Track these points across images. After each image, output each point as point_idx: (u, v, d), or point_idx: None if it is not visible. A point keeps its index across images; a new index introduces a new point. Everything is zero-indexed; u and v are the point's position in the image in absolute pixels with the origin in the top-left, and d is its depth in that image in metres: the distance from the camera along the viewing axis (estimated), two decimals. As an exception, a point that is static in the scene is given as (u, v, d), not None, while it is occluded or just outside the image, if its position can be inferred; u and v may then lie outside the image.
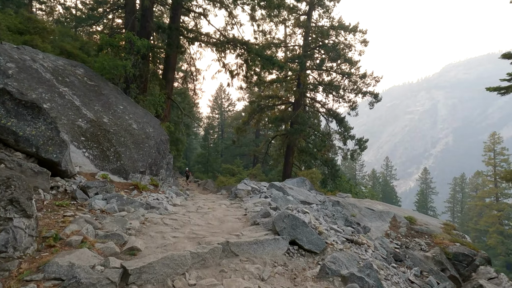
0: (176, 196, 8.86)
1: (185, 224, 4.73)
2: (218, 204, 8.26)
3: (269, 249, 3.49)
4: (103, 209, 4.69)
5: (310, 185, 12.14)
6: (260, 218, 4.99)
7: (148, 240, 3.62)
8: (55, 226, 3.32)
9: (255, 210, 6.27)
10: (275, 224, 3.91)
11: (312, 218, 4.87)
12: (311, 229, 3.82)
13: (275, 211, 5.41)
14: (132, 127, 9.95)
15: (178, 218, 5.06)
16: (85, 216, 3.83)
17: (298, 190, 9.36)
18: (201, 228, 4.49)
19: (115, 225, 3.81)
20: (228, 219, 5.36)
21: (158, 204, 6.33)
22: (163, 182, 10.10)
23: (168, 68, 16.58)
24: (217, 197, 11.36)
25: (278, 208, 5.49)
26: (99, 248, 2.93)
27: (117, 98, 10.91)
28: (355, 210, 9.79)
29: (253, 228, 4.43)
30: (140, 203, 5.50)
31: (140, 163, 9.13)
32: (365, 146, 26.22)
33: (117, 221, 3.94)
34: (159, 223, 4.57)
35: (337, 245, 4.00)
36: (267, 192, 8.89)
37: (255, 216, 5.25)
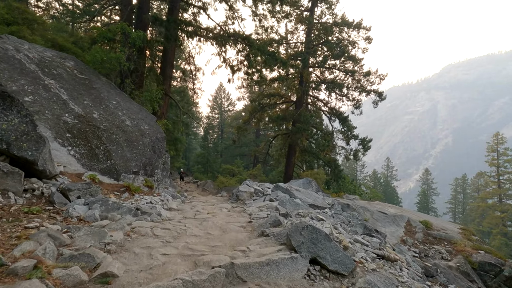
0: (172, 199, 8.08)
1: (180, 235, 3.95)
2: (219, 208, 7.48)
3: (285, 271, 2.72)
4: (81, 217, 3.92)
5: (316, 186, 11.37)
6: (269, 227, 4.23)
7: (130, 259, 2.85)
8: (5, 244, 2.55)
9: (261, 216, 5.50)
10: (291, 237, 3.14)
11: (332, 227, 4.10)
12: (335, 243, 3.05)
13: (285, 219, 4.64)
14: (125, 123, 9.18)
15: (172, 227, 4.29)
16: (50, 228, 3.07)
17: (305, 192, 8.60)
18: (198, 241, 3.71)
19: (90, 239, 3.05)
20: (231, 228, 4.58)
21: (150, 208, 5.56)
22: (159, 184, 9.32)
23: (166, 63, 15.80)
24: (217, 199, 10.59)
25: (289, 215, 4.74)
26: (57, 276, 2.15)
27: (109, 93, 10.13)
28: (367, 214, 9.03)
29: (262, 240, 3.65)
30: (128, 209, 4.72)
31: (133, 162, 8.36)
32: (369, 146, 25.49)
33: (94, 234, 3.18)
34: (148, 234, 3.80)
35: (367, 263, 3.24)
36: (272, 195, 8.11)
37: (263, 224, 4.49)
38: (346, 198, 12.50)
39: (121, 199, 6.51)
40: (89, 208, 4.48)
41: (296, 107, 25.29)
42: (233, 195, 9.76)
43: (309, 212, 5.43)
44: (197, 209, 7.10)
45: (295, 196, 7.91)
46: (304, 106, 25.07)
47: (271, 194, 8.13)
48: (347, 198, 12.56)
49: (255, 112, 25.98)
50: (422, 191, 69.09)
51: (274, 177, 36.58)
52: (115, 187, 7.31)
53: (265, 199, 8.15)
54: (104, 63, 10.76)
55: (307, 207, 6.59)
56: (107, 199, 4.71)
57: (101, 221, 3.83)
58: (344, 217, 6.31)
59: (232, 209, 7.34)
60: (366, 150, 25.44)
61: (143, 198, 6.89)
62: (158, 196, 7.95)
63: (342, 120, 25.50)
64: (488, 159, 50.26)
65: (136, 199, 6.69)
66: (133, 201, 6.45)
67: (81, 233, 3.15)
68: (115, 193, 6.87)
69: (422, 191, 68.33)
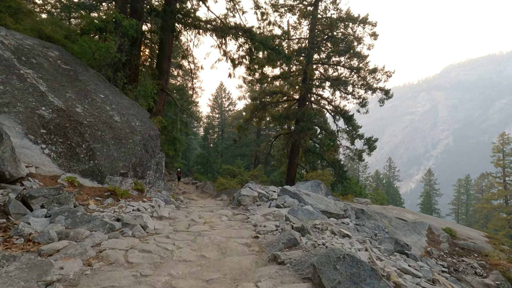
0: (164, 204, 7.08)
1: (164, 260, 2.95)
2: (218, 215, 6.48)
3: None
4: (30, 237, 2.93)
5: (326, 189, 10.37)
6: (283, 248, 3.24)
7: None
8: None
9: (268, 228, 4.50)
10: (321, 273, 2.16)
11: (370, 251, 3.10)
12: (385, 283, 2.06)
13: (302, 236, 3.66)
14: (114, 119, 8.18)
15: (155, 248, 3.27)
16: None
17: (315, 197, 7.61)
18: (188, 271, 2.70)
19: (24, 277, 2.06)
20: (232, 247, 3.58)
21: (134, 219, 4.56)
22: (151, 186, 8.33)
23: (163, 57, 14.81)
24: (217, 203, 9.59)
25: (306, 229, 3.74)
26: None
27: (97, 86, 9.14)
28: (385, 220, 8.03)
29: (276, 271, 2.65)
30: (102, 222, 3.72)
31: (121, 163, 7.36)
32: (374, 146, 24.50)
33: (32, 268, 2.19)
34: (119, 261, 2.79)
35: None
36: (279, 200, 7.12)
37: (273, 243, 3.49)
38: (357, 202, 11.51)
39: (102, 206, 5.52)
40: (51, 221, 3.49)
41: (299, 105, 24.28)
42: (234, 199, 8.77)
43: (328, 224, 4.45)
44: (192, 217, 6.10)
45: (305, 201, 6.92)
46: (307, 104, 24.05)
47: (278, 199, 7.14)
48: (358, 202, 11.57)
49: (256, 111, 24.97)
50: (425, 192, 68.10)
51: (276, 178, 35.58)
52: (98, 191, 6.32)
53: (271, 204, 7.15)
54: (93, 53, 9.76)
55: (321, 215, 5.60)
56: (76, 210, 3.72)
57: (56, 243, 2.85)
58: (369, 228, 5.32)
59: (233, 217, 6.34)
60: (371, 150, 24.44)
61: (129, 205, 5.90)
62: (149, 201, 6.95)
63: (347, 119, 24.51)
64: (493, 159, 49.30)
65: (121, 206, 5.69)
66: (117, 208, 5.45)
67: (12, 268, 2.16)
68: (96, 198, 5.88)
69: (425, 192, 67.32)
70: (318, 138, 23.74)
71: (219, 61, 14.57)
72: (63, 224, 3.47)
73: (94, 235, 3.25)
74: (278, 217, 5.59)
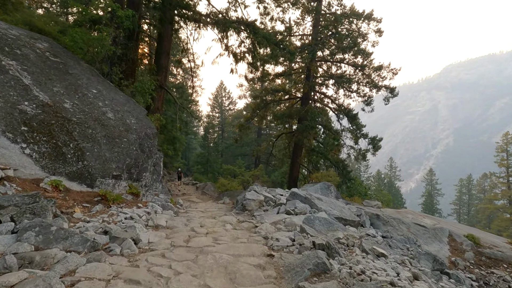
0: (162, 210, 6.38)
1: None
2: (221, 223, 5.79)
3: None
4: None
5: (336, 192, 9.68)
6: (309, 277, 2.55)
7: None
8: None
9: (283, 242, 3.81)
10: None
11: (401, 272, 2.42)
12: None
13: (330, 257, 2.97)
14: (107, 116, 7.48)
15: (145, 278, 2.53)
16: None
17: (328, 201, 6.92)
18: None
19: None
20: (243, 271, 2.88)
21: (125, 231, 3.87)
22: (148, 190, 7.63)
23: (161, 52, 14.09)
24: (219, 207, 8.89)
25: (332, 248, 3.04)
26: None
27: (90, 80, 8.44)
28: (403, 227, 7.34)
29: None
30: (82, 239, 3.02)
31: (114, 164, 6.66)
32: (379, 145, 23.82)
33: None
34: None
35: None
36: (289, 205, 6.42)
37: (294, 266, 2.80)
38: (368, 205, 10.83)
39: (89, 214, 4.82)
40: (17, 239, 2.80)
41: (302, 103, 23.57)
42: (238, 203, 8.08)
43: (352, 237, 3.78)
44: (193, 225, 5.41)
45: (318, 207, 6.23)
46: (310, 103, 23.36)
47: (287, 204, 6.44)
48: (368, 204, 10.89)
49: (258, 109, 24.24)
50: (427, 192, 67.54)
51: (277, 178, 34.91)
52: (87, 196, 5.63)
53: (279, 210, 6.46)
54: (86, 46, 9.05)
55: (339, 225, 4.90)
56: (50, 223, 3.02)
57: (12, 274, 2.13)
58: (398, 241, 4.62)
59: (238, 225, 5.65)
60: (376, 150, 23.77)
61: (121, 212, 5.21)
62: (144, 206, 6.26)
63: (351, 118, 23.82)
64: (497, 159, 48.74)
65: (111, 214, 4.99)
66: (106, 217, 4.76)
67: None
68: (84, 205, 5.18)
69: (427, 192, 66.74)
70: (321, 137, 23.03)
71: (221, 56, 13.88)
72: (32, 243, 2.78)
73: (68, 259, 2.56)
74: (290, 226, 4.89)
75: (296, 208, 6.00)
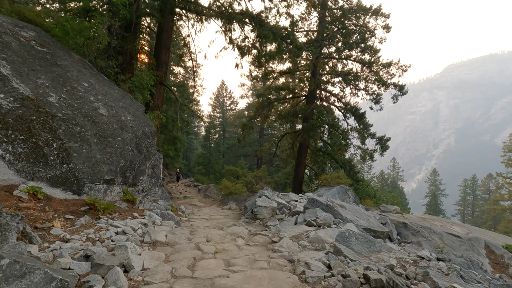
0: (161, 220, 5.49)
1: None
2: (231, 236, 4.90)
3: None
4: None
5: (354, 196, 8.77)
6: None
7: None
8: None
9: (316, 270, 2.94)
10: None
11: None
12: None
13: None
14: (99, 112, 6.59)
15: None
16: None
17: (351, 209, 6.02)
18: None
19: None
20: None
21: (111, 255, 2.98)
22: (145, 195, 6.74)
23: (161, 47, 13.21)
24: (225, 214, 8.00)
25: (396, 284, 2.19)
26: None
27: (81, 73, 7.56)
28: (435, 237, 6.45)
29: None
30: (45, 277, 2.11)
31: (106, 166, 5.77)
32: (387, 145, 22.94)
33: None
34: None
35: None
36: (308, 214, 5.52)
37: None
38: (385, 210, 9.95)
39: (71, 228, 3.93)
40: None
41: (307, 102, 22.68)
42: (246, 210, 7.19)
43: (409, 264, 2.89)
44: (197, 240, 4.53)
45: (342, 216, 5.34)
46: (318, 100, 22.49)
47: (306, 213, 5.55)
48: (386, 209, 10.01)
49: (261, 108, 23.35)
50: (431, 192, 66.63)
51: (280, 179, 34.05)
52: (72, 205, 4.74)
53: (297, 220, 5.57)
54: (76, 37, 8.17)
55: (380, 243, 3.99)
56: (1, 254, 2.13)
57: None
58: (460, 265, 3.74)
59: (251, 239, 4.76)
60: (384, 149, 22.89)
61: (112, 225, 4.32)
62: (141, 216, 5.37)
63: (358, 117, 22.94)
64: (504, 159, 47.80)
65: (99, 228, 4.10)
66: (92, 232, 3.87)
67: None
68: (67, 216, 4.29)
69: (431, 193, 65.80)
70: (329, 137, 22.12)
71: (225, 50, 12.96)
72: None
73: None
74: (317, 243, 4.01)
75: (318, 218, 5.12)
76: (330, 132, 22.99)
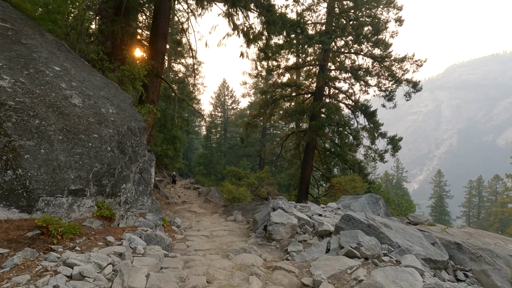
0: (145, 246, 4.02)
1: None
2: (240, 271, 3.45)
3: None
4: None
5: (385, 207, 7.29)
6: None
7: None
8: None
9: None
10: None
11: None
12: None
13: None
14: (70, 101, 5.15)
15: None
16: None
17: (397, 228, 4.55)
18: None
19: None
20: None
21: None
22: (129, 208, 5.29)
23: (157, 35, 11.75)
24: (229, 229, 6.53)
25: None
26: None
27: (53, 55, 6.12)
28: (500, 263, 5.00)
29: None
30: None
31: (74, 172, 4.32)
32: (399, 145, 21.47)
33: None
34: None
35: None
36: (345, 237, 4.05)
37: None
38: (415, 220, 8.50)
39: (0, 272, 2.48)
40: None
41: (315, 99, 21.21)
42: (256, 225, 5.74)
43: None
44: (194, 282, 3.08)
45: (392, 241, 3.90)
46: (327, 97, 21.05)
47: (342, 236, 4.08)
48: (416, 219, 8.57)
49: (266, 106, 21.87)
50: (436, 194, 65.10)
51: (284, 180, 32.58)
52: (16, 229, 3.30)
53: (330, 246, 4.10)
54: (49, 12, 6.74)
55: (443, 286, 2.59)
56: None
57: None
58: None
59: (270, 277, 3.31)
60: (396, 150, 21.42)
61: (66, 262, 2.87)
62: (117, 240, 3.91)
63: (368, 115, 21.43)
64: (512, 160, 46.30)
65: (42, 271, 2.65)
66: (26, 281, 2.42)
67: None
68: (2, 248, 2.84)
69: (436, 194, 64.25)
70: (339, 136, 20.64)
71: (228, 37, 11.49)
72: None
73: None
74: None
75: (361, 246, 3.68)
76: (338, 131, 21.54)
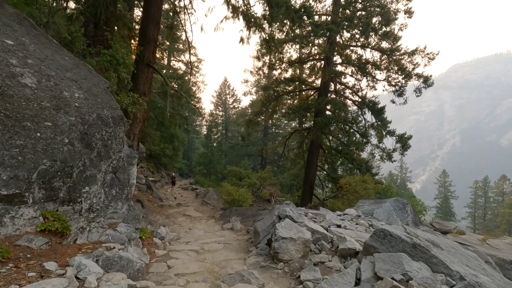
0: (102, 275, 2.83)
1: None
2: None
3: None
4: None
5: (413, 214, 6.06)
6: None
7: None
8: None
9: None
10: None
11: None
12: None
13: None
14: (19, 81, 3.99)
15: None
16: None
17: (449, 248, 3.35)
18: None
19: None
20: None
21: None
22: (95, 217, 4.12)
23: (148, 20, 10.58)
24: (225, 240, 5.36)
25: None
26: None
27: (8, 28, 4.97)
28: None
29: None
30: None
31: (7, 171, 3.15)
32: (408, 144, 20.20)
33: None
34: None
35: None
36: (382, 263, 2.88)
37: None
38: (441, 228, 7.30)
39: None
40: None
41: (320, 95, 20.01)
42: (258, 237, 4.57)
43: None
44: None
45: (452, 270, 2.70)
46: (332, 92, 19.86)
47: (378, 261, 2.89)
48: (443, 226, 7.37)
49: (268, 102, 20.68)
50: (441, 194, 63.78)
51: (286, 180, 31.39)
52: None
53: (360, 274, 2.92)
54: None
55: None
56: None
57: None
58: None
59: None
60: (405, 149, 20.16)
61: None
62: (60, 268, 2.74)
63: (376, 112, 20.17)
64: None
65: None
66: None
67: None
68: None
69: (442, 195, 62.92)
70: (347, 134, 19.43)
71: (226, 20, 10.25)
72: None
73: None
74: None
75: (410, 279, 2.50)
76: (345, 128, 20.34)
